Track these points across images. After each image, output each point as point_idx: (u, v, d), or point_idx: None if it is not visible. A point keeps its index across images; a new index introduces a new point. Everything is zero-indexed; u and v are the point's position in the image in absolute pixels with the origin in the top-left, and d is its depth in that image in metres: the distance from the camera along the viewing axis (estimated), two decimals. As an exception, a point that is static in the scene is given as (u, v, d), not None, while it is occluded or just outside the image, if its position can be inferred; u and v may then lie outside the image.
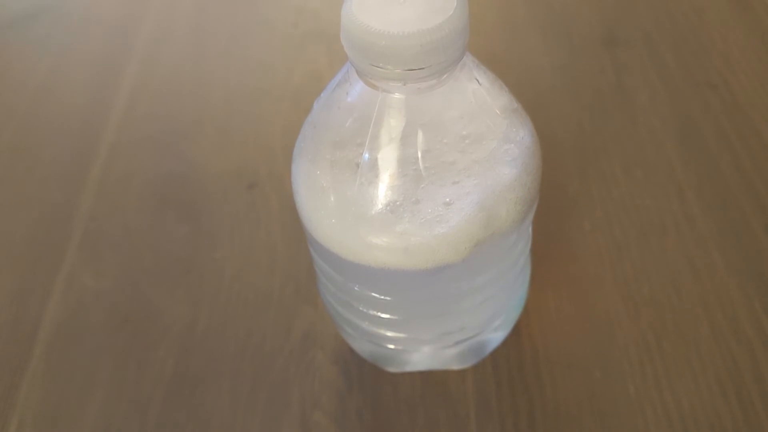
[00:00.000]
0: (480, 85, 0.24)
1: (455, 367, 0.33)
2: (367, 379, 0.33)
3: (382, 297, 0.28)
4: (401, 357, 0.32)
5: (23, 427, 0.33)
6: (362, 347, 0.33)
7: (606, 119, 0.44)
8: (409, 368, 0.33)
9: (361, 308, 0.29)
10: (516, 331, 0.34)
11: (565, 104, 0.45)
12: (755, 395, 0.31)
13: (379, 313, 0.29)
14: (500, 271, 0.28)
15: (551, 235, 0.37)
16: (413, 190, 0.24)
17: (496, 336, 0.33)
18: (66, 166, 0.45)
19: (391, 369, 0.33)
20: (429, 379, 0.33)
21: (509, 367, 0.33)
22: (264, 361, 0.34)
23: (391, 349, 0.32)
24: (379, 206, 0.24)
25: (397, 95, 0.23)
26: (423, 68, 0.22)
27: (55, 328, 0.36)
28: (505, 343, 0.34)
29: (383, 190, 0.24)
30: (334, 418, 0.32)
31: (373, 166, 0.24)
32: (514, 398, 0.32)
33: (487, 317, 0.31)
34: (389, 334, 0.30)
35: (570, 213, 0.39)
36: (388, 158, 0.24)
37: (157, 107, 0.48)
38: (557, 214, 0.39)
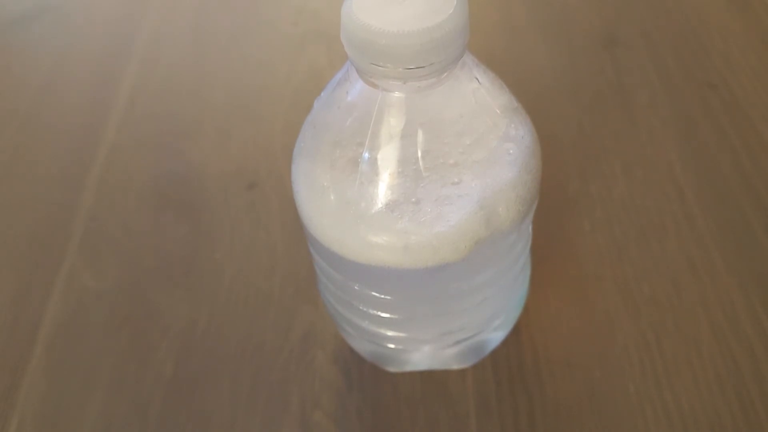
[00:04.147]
0: (480, 84, 0.24)
1: (455, 366, 0.33)
2: (367, 379, 0.33)
3: (382, 296, 0.28)
4: (401, 356, 0.32)
5: (23, 427, 0.33)
6: (362, 347, 0.33)
7: (606, 119, 0.44)
8: (409, 368, 0.33)
9: (361, 307, 0.29)
10: (516, 331, 0.34)
11: (565, 104, 0.45)
12: (755, 395, 0.31)
13: (379, 313, 0.29)
14: (500, 270, 0.28)
15: (551, 235, 0.37)
16: (413, 188, 0.24)
17: (496, 335, 0.33)
18: (66, 166, 0.45)
19: (391, 369, 0.33)
20: (429, 378, 0.33)
21: (509, 366, 0.33)
22: (264, 361, 0.34)
23: (391, 348, 0.32)
24: (380, 205, 0.24)
25: (397, 94, 0.23)
26: (423, 67, 0.22)
27: (55, 328, 0.36)
28: (505, 342, 0.34)
29: (383, 189, 0.24)
30: (334, 418, 0.32)
31: (373, 165, 0.24)
32: (514, 398, 0.32)
33: (487, 317, 0.31)
34: (389, 333, 0.30)
35: (570, 213, 0.39)
36: (388, 157, 0.24)
37: (157, 107, 0.48)
38: (557, 214, 0.39)
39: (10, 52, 0.54)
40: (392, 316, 0.29)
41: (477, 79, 0.24)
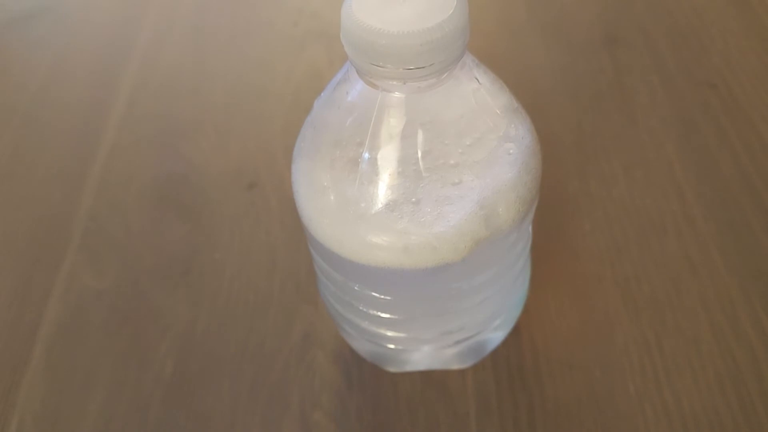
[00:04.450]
0: (480, 84, 0.24)
1: (455, 366, 0.33)
2: (367, 379, 0.33)
3: (382, 296, 0.28)
4: (401, 357, 0.32)
5: (23, 427, 0.33)
6: (362, 347, 0.33)
7: (606, 119, 0.44)
8: (409, 368, 0.33)
9: (361, 308, 0.29)
10: (516, 331, 0.34)
11: (565, 104, 0.45)
12: (755, 394, 0.31)
13: (379, 313, 0.29)
14: (500, 270, 0.28)
15: (551, 235, 0.37)
16: (413, 189, 0.24)
17: (496, 335, 0.33)
18: (66, 166, 0.45)
19: (391, 369, 0.33)
20: (429, 378, 0.33)
21: (509, 366, 0.33)
22: (264, 361, 0.34)
23: (391, 348, 0.32)
24: (380, 205, 0.24)
25: (396, 94, 0.23)
26: (423, 67, 0.22)
27: (55, 328, 0.36)
28: (505, 342, 0.34)
29: (383, 189, 0.24)
30: (334, 418, 0.32)
31: (373, 166, 0.24)
32: (514, 397, 0.32)
33: (487, 317, 0.31)
34: (389, 333, 0.30)
35: (570, 213, 0.39)
36: (388, 157, 0.24)
37: (157, 107, 0.48)
38: (557, 214, 0.39)
39: (10, 52, 0.54)
40: (392, 316, 0.29)
41: (477, 79, 0.24)
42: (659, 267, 0.36)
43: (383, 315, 0.29)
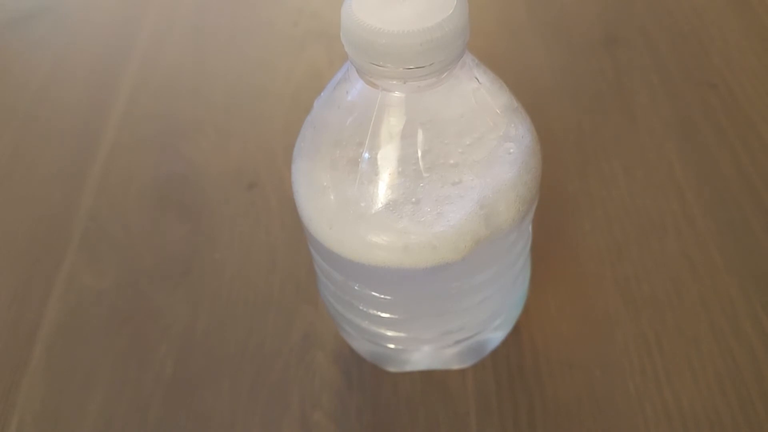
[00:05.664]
0: (480, 84, 0.24)
1: (455, 366, 0.33)
2: (367, 379, 0.33)
3: (382, 296, 0.28)
4: (401, 356, 0.32)
5: (23, 427, 0.33)
6: (362, 347, 0.33)
7: (606, 119, 0.44)
8: (409, 368, 0.33)
9: (361, 307, 0.29)
10: (516, 331, 0.34)
11: (565, 104, 0.45)
12: (755, 394, 0.31)
13: (379, 313, 0.29)
14: (500, 270, 0.28)
15: (551, 235, 0.37)
16: (413, 188, 0.24)
17: (496, 335, 0.33)
18: (66, 166, 0.45)
19: (391, 369, 0.33)
20: (429, 378, 0.33)
21: (509, 366, 0.33)
22: (264, 361, 0.34)
23: (391, 348, 0.32)
24: (379, 205, 0.24)
25: (396, 94, 0.23)
26: (423, 67, 0.22)
27: (55, 328, 0.36)
28: (505, 342, 0.34)
29: (383, 189, 0.24)
30: (334, 418, 0.32)
31: (373, 165, 0.24)
32: (514, 397, 0.32)
33: (487, 316, 0.31)
34: (389, 333, 0.30)
35: (570, 213, 0.39)
36: (388, 157, 0.24)
37: (157, 107, 0.48)
38: (557, 214, 0.39)
39: (10, 52, 0.54)
40: (392, 316, 0.29)
41: (477, 78, 0.24)
42: (659, 267, 0.36)
43: (383, 315, 0.29)
